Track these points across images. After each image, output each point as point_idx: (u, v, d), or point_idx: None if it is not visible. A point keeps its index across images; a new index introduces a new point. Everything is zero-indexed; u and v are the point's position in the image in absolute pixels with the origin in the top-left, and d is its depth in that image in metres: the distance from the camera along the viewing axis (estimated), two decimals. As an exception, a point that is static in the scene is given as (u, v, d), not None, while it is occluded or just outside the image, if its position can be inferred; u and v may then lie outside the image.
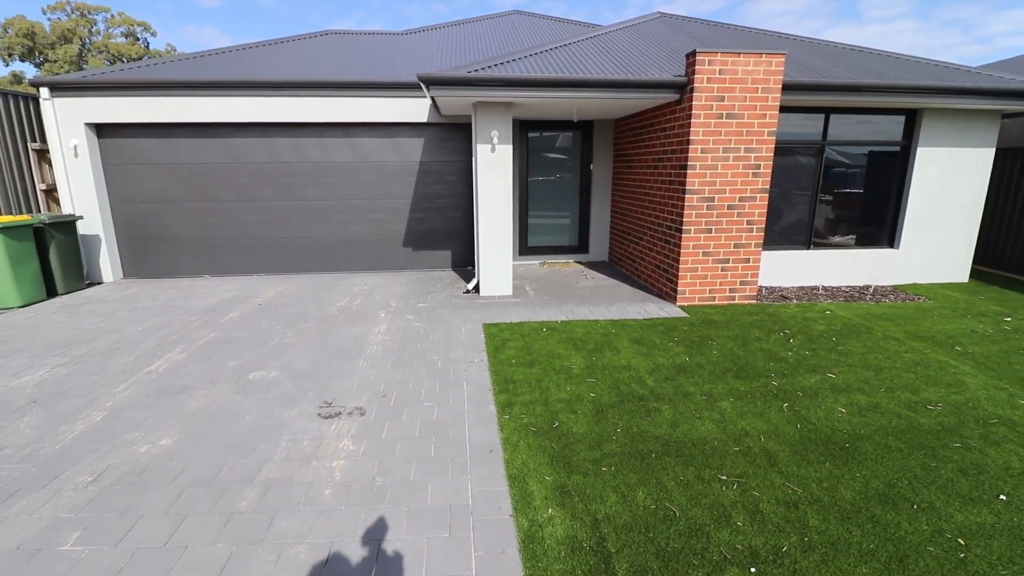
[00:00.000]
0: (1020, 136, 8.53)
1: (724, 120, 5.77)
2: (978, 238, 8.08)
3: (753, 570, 2.30)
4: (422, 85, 5.63)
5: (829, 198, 7.41)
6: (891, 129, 7.19)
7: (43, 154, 8.02)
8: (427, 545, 2.41)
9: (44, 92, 7.32)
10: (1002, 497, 2.82)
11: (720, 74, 5.64)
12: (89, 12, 30.64)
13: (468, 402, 3.86)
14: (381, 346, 5.03)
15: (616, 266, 8.72)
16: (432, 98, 6.13)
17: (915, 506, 2.74)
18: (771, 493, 2.83)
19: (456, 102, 6.29)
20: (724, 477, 2.97)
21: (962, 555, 2.40)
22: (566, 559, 2.34)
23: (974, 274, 8.11)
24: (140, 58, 30.40)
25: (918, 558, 2.38)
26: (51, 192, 8.17)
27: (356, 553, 2.36)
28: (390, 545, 2.41)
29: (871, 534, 2.53)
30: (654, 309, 6.18)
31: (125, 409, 3.75)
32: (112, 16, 31.60)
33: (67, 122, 7.45)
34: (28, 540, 2.43)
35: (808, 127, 6.96)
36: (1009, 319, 5.90)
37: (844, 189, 7.45)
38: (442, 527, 2.53)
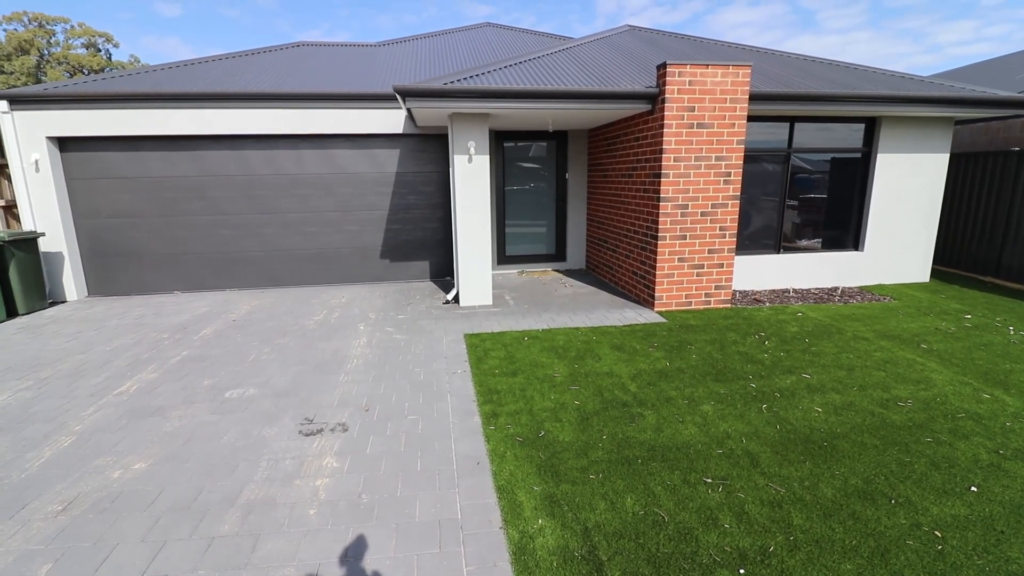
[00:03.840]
0: (972, 141, 8.99)
1: (695, 129, 5.92)
2: (937, 239, 8.44)
3: (742, 571, 2.33)
4: (398, 97, 5.62)
5: (796, 204, 7.65)
6: (852, 137, 7.48)
7: (1, 169, 7.71)
8: (417, 562, 2.38)
9: (3, 105, 7.05)
10: (973, 489, 2.93)
11: (690, 85, 5.80)
12: (48, 23, 29.67)
13: (452, 414, 3.83)
14: (362, 359, 4.96)
15: (594, 273, 8.81)
16: (408, 109, 6.13)
17: (893, 501, 2.83)
18: (755, 494, 2.88)
19: (432, 113, 6.30)
20: (709, 480, 3.01)
21: (939, 547, 2.49)
22: (558, 569, 2.34)
23: (934, 274, 8.46)
24: (102, 70, 29.53)
25: (898, 552, 2.45)
26: (10, 208, 7.85)
27: (345, 574, 2.31)
28: (379, 564, 2.37)
29: (853, 530, 2.60)
30: (633, 315, 6.26)
31: (95, 433, 3.61)
32: (72, 27, 30.67)
33: (27, 136, 7.19)
34: (-6, 576, 2.31)
35: (774, 136, 7.19)
36: (969, 316, 6.17)
37: (810, 195, 7.71)
38: (432, 542, 2.50)
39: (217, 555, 2.42)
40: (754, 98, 6.06)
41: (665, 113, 5.80)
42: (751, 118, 6.61)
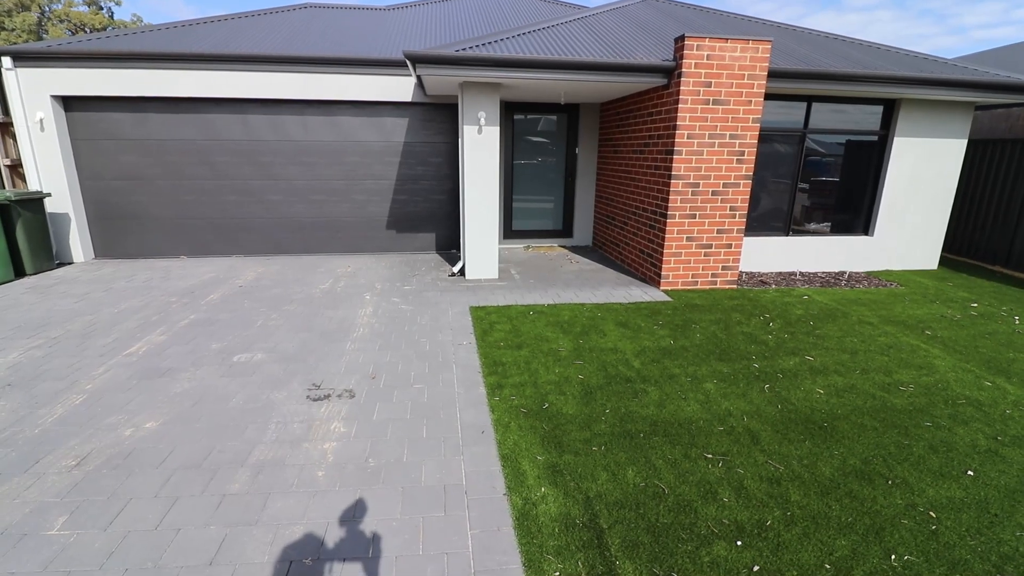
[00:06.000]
0: (991, 128, 8.81)
1: (711, 106, 5.81)
2: (947, 227, 8.36)
3: (739, 543, 2.39)
4: (409, 63, 5.51)
5: (808, 186, 7.56)
6: (869, 119, 7.34)
7: (6, 127, 7.64)
8: (423, 524, 2.44)
9: (6, 62, 6.94)
10: (970, 473, 2.97)
11: (708, 60, 5.66)
12: (48, -23, 28.94)
13: (458, 384, 3.88)
14: (368, 328, 4.99)
15: (600, 251, 8.78)
16: (418, 77, 6.01)
17: (889, 482, 2.87)
18: (755, 470, 2.93)
19: (443, 81, 6.19)
20: (710, 455, 3.06)
21: (934, 527, 2.54)
22: (560, 535, 2.40)
23: (942, 261, 8.41)
24: (104, 28, 28.94)
25: (893, 530, 2.51)
26: (16, 168, 7.81)
27: (352, 533, 2.37)
28: (387, 525, 2.43)
29: (849, 508, 2.65)
30: (638, 293, 6.26)
31: (106, 392, 3.67)
32: (73, -18, 29.91)
33: (32, 94, 7.10)
34: (13, 525, 2.38)
35: (790, 115, 7.05)
36: (976, 305, 6.15)
37: (822, 177, 7.61)
38: (437, 506, 2.56)
39: (228, 511, 2.49)
40: (773, 75, 5.93)
41: (681, 88, 5.68)
42: (767, 96, 6.47)
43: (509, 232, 9.06)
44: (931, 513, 2.64)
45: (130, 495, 2.60)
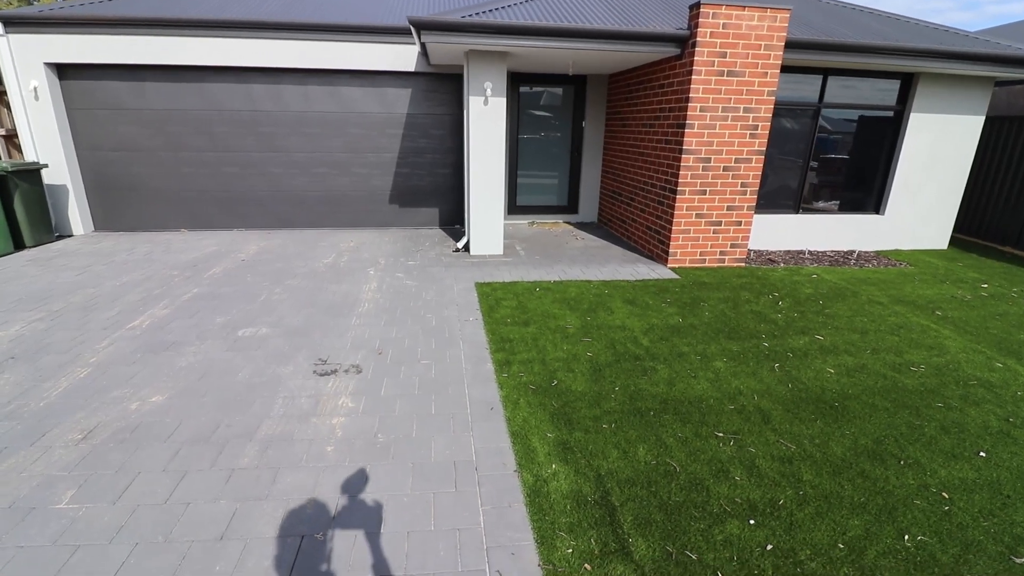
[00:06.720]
0: (1008, 105, 8.59)
1: (725, 78, 5.64)
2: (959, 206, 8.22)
3: (752, 522, 2.37)
4: (413, 30, 5.33)
5: (819, 163, 7.40)
6: (885, 94, 7.14)
7: (0, 97, 7.45)
8: (434, 499, 2.42)
9: (-3, 27, 6.74)
10: (982, 454, 2.95)
11: (723, 28, 5.47)
12: (37, -61, 28.06)
13: (465, 360, 3.84)
14: (373, 304, 4.94)
15: (606, 227, 8.67)
16: (423, 44, 5.82)
17: (901, 462, 2.85)
18: (766, 449, 2.91)
19: (448, 49, 5.99)
20: (721, 434, 3.04)
21: (946, 508, 2.52)
22: (572, 512, 2.38)
23: (952, 241, 8.30)
24: (97, -7, 28.18)
25: (906, 511, 2.49)
26: (11, 138, 7.66)
27: (363, 508, 2.36)
28: (397, 500, 2.42)
29: (861, 488, 2.63)
30: (645, 270, 6.19)
31: (111, 365, 3.63)
32: (64, -55, 29.02)
33: (25, 61, 6.90)
34: (21, 499, 2.36)
35: (804, 89, 6.86)
36: (986, 285, 6.08)
37: (835, 154, 7.44)
38: (448, 482, 2.54)
39: (238, 486, 2.47)
40: (790, 46, 5.73)
41: (695, 58, 5.50)
42: (782, 68, 6.27)
43: (513, 207, 8.93)
44: (944, 494, 2.62)
45: (138, 469, 2.58)
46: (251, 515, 2.30)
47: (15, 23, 6.78)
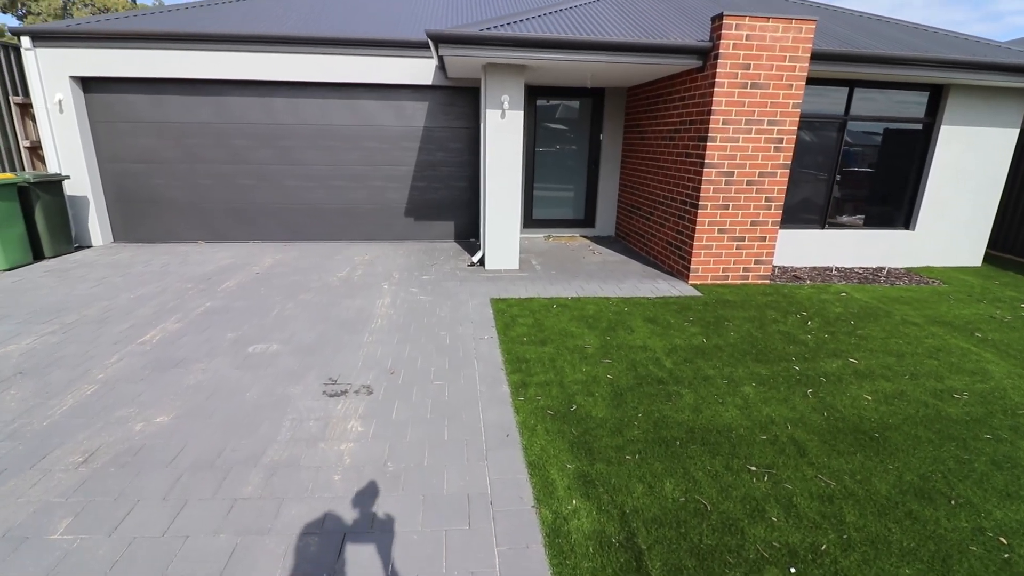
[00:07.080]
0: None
1: (748, 90, 5.48)
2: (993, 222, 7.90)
3: (793, 570, 2.17)
4: (431, 43, 5.27)
5: (845, 177, 7.16)
6: (914, 106, 6.91)
7: (26, 109, 7.58)
8: (446, 538, 2.26)
9: (26, 42, 6.86)
10: (1042, 494, 2.70)
11: (747, 40, 5.32)
12: (72, -40, 29.03)
13: (480, 382, 3.69)
14: (386, 320, 4.83)
15: (623, 241, 8.50)
16: (440, 58, 5.76)
17: (952, 501, 2.62)
18: (804, 486, 2.70)
19: (465, 63, 5.93)
20: (753, 468, 2.83)
21: (1006, 555, 2.29)
22: (595, 556, 2.20)
23: (986, 258, 7.97)
24: (127, 11, 29.01)
25: (961, 558, 2.27)
26: (35, 149, 7.76)
27: (370, 546, 2.21)
28: (407, 538, 2.26)
29: (910, 531, 2.41)
30: (666, 287, 6.00)
31: (118, 382, 3.55)
32: (96, -35, 29.97)
33: (51, 75, 7.01)
34: (16, 526, 2.26)
35: (830, 101, 6.66)
36: (1027, 305, 5.78)
37: (862, 168, 7.21)
38: (461, 518, 2.38)
39: (239, 518, 2.34)
40: (816, 57, 5.56)
41: (717, 70, 5.35)
42: (807, 80, 6.09)
43: (529, 221, 8.82)
44: (1001, 539, 2.39)
45: (138, 496, 2.46)
46: (252, 550, 2.16)
47: (43, 37, 6.90)
